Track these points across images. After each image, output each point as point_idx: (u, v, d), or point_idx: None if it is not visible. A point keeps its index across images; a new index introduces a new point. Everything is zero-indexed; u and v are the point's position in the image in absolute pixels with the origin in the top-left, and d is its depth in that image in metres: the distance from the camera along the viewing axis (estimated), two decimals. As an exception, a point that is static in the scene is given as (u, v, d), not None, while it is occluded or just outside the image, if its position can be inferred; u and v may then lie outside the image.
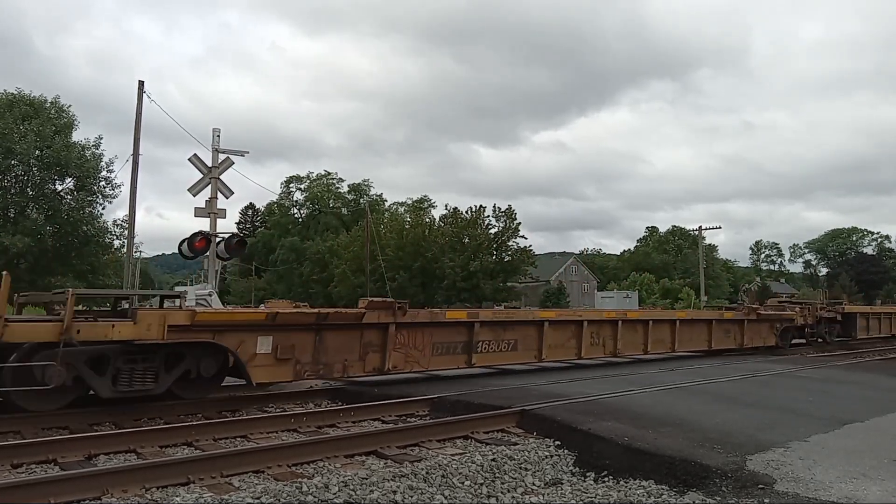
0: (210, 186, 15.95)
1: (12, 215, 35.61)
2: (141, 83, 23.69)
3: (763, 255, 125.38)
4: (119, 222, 39.25)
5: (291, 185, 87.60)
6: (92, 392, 7.86)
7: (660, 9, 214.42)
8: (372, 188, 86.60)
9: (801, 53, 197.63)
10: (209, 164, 15.97)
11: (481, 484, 5.54)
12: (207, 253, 15.61)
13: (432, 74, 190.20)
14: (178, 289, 16.56)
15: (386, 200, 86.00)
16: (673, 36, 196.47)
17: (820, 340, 20.24)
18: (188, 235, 14.95)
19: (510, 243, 56.76)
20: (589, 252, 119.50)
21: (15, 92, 36.41)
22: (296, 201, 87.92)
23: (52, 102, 37.20)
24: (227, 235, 16.07)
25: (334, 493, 4.98)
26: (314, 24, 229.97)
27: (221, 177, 16.19)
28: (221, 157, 16.17)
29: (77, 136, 37.64)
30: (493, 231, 56.19)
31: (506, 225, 56.41)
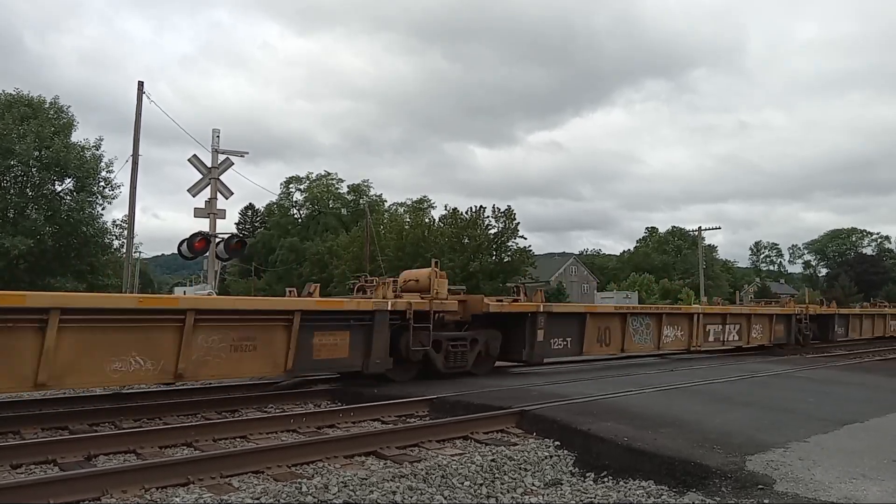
0: (210, 187, 15.95)
1: (12, 216, 35.59)
2: (140, 83, 23.72)
3: (763, 256, 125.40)
4: (118, 223, 39.31)
5: (291, 185, 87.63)
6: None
7: (652, 7, 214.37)
8: (371, 189, 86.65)
9: (796, 53, 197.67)
10: (208, 165, 15.98)
11: (481, 484, 5.54)
12: (207, 253, 15.61)
13: (425, 73, 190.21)
14: (178, 290, 16.57)
15: (386, 201, 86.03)
16: (667, 35, 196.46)
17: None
18: (188, 236, 14.96)
19: (510, 244, 56.82)
20: (588, 252, 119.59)
21: (14, 92, 36.43)
22: (295, 202, 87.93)
23: (51, 103, 37.23)
24: (226, 236, 16.07)
25: (334, 494, 4.98)
26: (304, 23, 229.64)
27: (221, 177, 16.19)
28: (221, 157, 16.17)
29: (72, 135, 37.65)
30: (492, 231, 56.23)
31: (505, 225, 56.45)
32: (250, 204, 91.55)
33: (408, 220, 65.74)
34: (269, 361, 9.04)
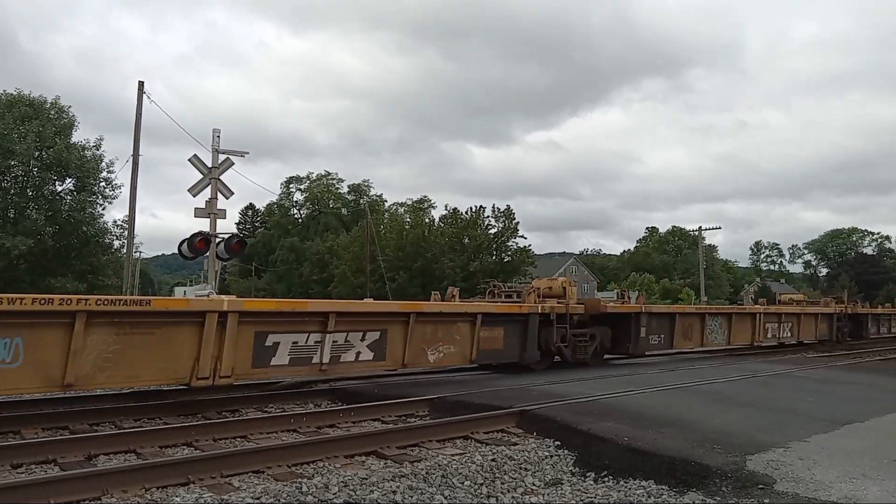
0: (210, 187, 15.95)
1: (12, 216, 35.59)
2: (141, 83, 23.73)
3: (763, 256, 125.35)
4: (119, 223, 39.29)
5: (291, 185, 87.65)
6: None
7: (648, 6, 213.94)
8: (372, 189, 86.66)
9: (795, 52, 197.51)
10: (209, 165, 15.96)
11: (481, 484, 5.54)
12: (207, 253, 15.61)
13: (422, 72, 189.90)
14: (178, 290, 16.62)
15: (386, 201, 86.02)
16: (664, 34, 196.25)
17: None
18: (188, 236, 14.95)
19: (510, 243, 56.76)
20: (588, 252, 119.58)
21: (15, 93, 36.42)
22: (295, 202, 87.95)
23: (52, 103, 37.20)
24: (226, 236, 16.06)
25: (334, 494, 4.98)
26: (299, 23, 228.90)
27: (221, 177, 16.18)
28: (221, 157, 16.16)
29: (73, 135, 37.62)
30: (492, 231, 56.18)
31: (505, 225, 56.40)
32: (251, 204, 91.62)
33: (408, 220, 65.70)
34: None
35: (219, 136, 16.24)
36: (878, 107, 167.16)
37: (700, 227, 59.22)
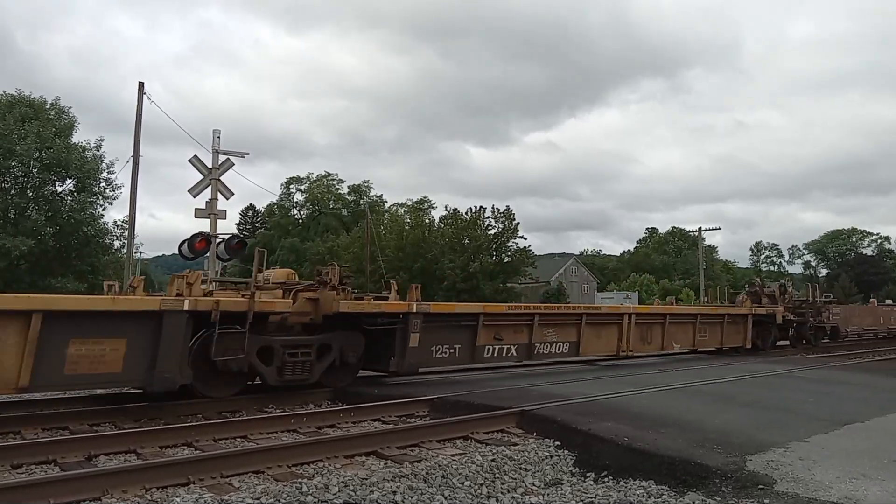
0: (210, 188, 15.97)
1: (13, 217, 35.60)
2: (141, 84, 23.71)
3: (763, 256, 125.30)
4: (119, 223, 39.34)
5: (291, 185, 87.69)
6: None
7: (645, 6, 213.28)
8: (372, 189, 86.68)
9: (792, 52, 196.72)
10: (209, 166, 16.00)
11: (481, 484, 5.54)
12: (207, 254, 15.62)
13: (420, 72, 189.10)
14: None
15: (386, 202, 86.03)
16: (662, 34, 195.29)
17: None
18: (188, 236, 14.96)
19: (510, 244, 56.77)
20: (588, 253, 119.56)
21: (15, 93, 36.46)
22: (296, 202, 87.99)
23: (52, 104, 37.25)
24: (227, 236, 16.06)
25: (334, 494, 4.98)
26: (294, 22, 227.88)
27: (221, 178, 16.21)
28: (221, 158, 16.20)
29: (73, 136, 37.64)
30: (492, 232, 56.17)
31: (505, 226, 56.40)
32: (251, 204, 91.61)
33: (408, 220, 65.70)
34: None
35: (219, 137, 16.29)
36: (878, 107, 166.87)
37: (700, 228, 59.25)
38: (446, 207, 60.86)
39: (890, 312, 27.79)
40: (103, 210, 38.50)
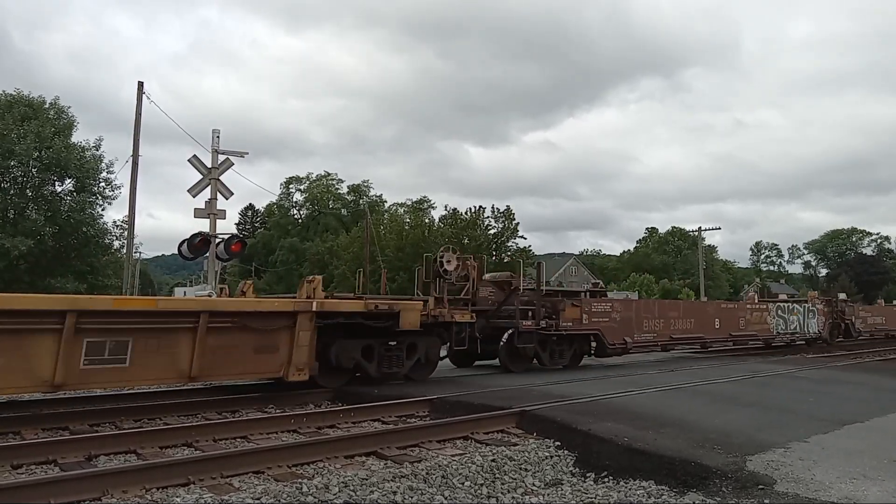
0: (210, 187, 15.96)
1: (12, 217, 35.59)
2: (140, 84, 23.69)
3: (763, 256, 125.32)
4: (119, 223, 39.31)
5: (291, 185, 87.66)
6: None
7: (643, 5, 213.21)
8: (372, 189, 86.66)
9: (791, 51, 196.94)
10: (208, 165, 15.98)
11: (481, 484, 5.54)
12: (207, 254, 15.63)
13: (418, 71, 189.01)
14: (178, 290, 16.62)
15: (386, 201, 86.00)
16: (661, 34, 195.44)
17: None
18: (188, 236, 14.97)
19: (509, 244, 56.81)
20: (588, 253, 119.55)
21: (14, 93, 36.43)
22: (295, 202, 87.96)
23: (51, 104, 37.21)
24: (226, 236, 16.08)
25: (334, 494, 4.98)
26: (292, 21, 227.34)
27: (220, 177, 16.19)
28: (220, 157, 16.18)
29: (72, 136, 37.60)
30: (492, 232, 56.22)
31: (505, 225, 56.45)
32: (250, 204, 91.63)
33: (408, 220, 65.71)
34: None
35: (218, 137, 16.26)
36: (877, 106, 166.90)
37: (700, 228, 59.22)
38: (446, 207, 61.00)
39: None
40: (103, 210, 38.51)
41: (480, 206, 56.53)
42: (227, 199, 16.47)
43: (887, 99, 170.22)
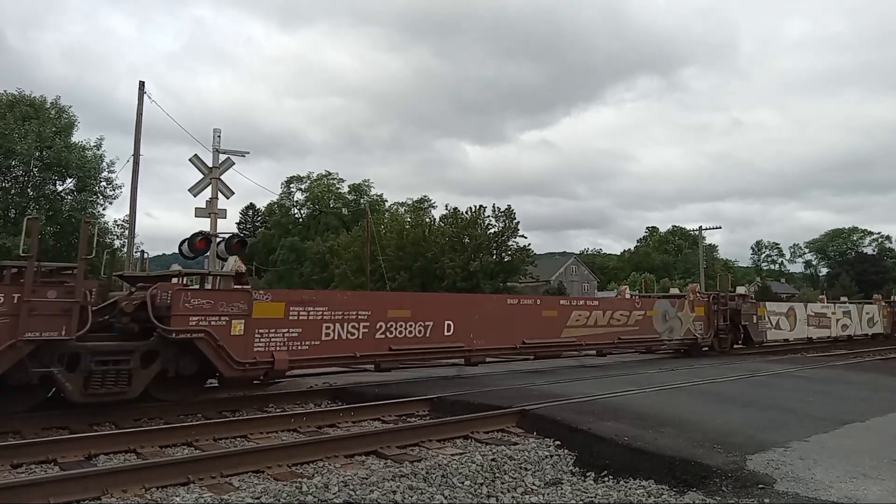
0: (210, 187, 15.96)
1: (13, 216, 35.63)
2: (142, 84, 23.72)
3: (763, 255, 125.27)
4: (119, 222, 39.38)
5: (292, 185, 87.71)
6: None
7: (641, 4, 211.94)
8: (372, 188, 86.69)
9: (789, 50, 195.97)
10: (208, 165, 15.97)
11: (481, 484, 5.54)
12: (208, 253, 15.62)
13: (414, 70, 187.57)
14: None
15: (386, 201, 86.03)
16: (656, 32, 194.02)
17: None
18: (188, 236, 14.96)
19: (510, 243, 56.76)
20: (589, 252, 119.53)
21: (15, 92, 36.48)
22: (296, 201, 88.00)
23: (52, 103, 37.25)
24: (227, 236, 16.07)
25: (334, 493, 4.98)
26: (287, 20, 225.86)
27: (221, 177, 16.19)
28: (221, 157, 16.18)
29: (73, 135, 37.63)
30: (492, 231, 56.17)
31: (505, 225, 56.40)
32: (251, 204, 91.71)
33: (408, 219, 65.72)
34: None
35: (219, 136, 16.25)
36: (875, 106, 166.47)
37: (700, 227, 59.19)
38: (446, 206, 60.96)
39: None
40: (103, 209, 38.57)
41: (481, 206, 56.50)
42: (227, 198, 16.48)
43: (885, 98, 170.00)
